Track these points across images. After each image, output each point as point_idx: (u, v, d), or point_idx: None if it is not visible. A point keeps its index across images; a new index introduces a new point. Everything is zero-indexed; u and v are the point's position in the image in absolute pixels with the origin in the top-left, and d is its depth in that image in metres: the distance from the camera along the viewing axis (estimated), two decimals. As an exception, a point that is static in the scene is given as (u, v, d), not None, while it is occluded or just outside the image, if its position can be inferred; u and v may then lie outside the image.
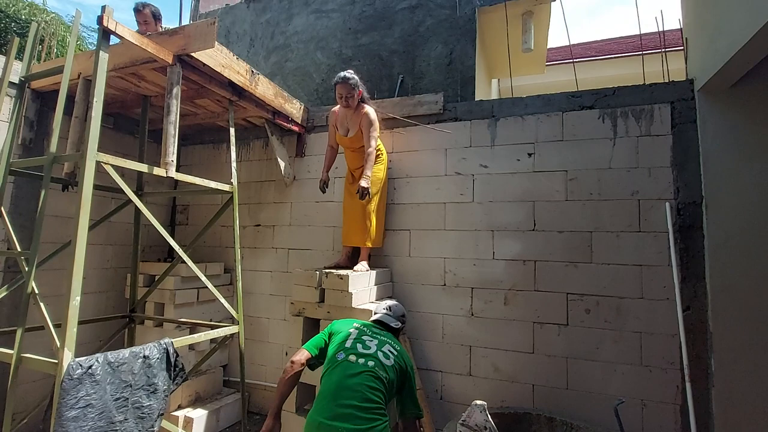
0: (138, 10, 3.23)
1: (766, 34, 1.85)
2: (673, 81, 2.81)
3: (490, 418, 2.28)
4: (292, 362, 1.95)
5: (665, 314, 2.60)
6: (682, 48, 3.09)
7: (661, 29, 3.37)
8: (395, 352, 1.96)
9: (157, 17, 3.29)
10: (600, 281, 2.77)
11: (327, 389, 1.79)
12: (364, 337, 1.99)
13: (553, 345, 2.83)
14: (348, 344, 1.95)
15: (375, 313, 2.28)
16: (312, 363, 2.02)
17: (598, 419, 2.59)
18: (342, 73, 2.99)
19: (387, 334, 2.10)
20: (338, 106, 3.14)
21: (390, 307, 2.28)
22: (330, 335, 2.08)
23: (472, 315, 3.05)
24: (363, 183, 2.86)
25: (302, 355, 1.99)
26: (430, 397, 3.07)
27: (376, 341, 1.98)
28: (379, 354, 1.90)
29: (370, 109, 3.05)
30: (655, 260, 2.66)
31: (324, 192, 3.24)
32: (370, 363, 1.84)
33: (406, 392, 1.95)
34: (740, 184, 2.50)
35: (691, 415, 2.37)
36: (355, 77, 3.00)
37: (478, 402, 2.34)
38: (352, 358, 1.87)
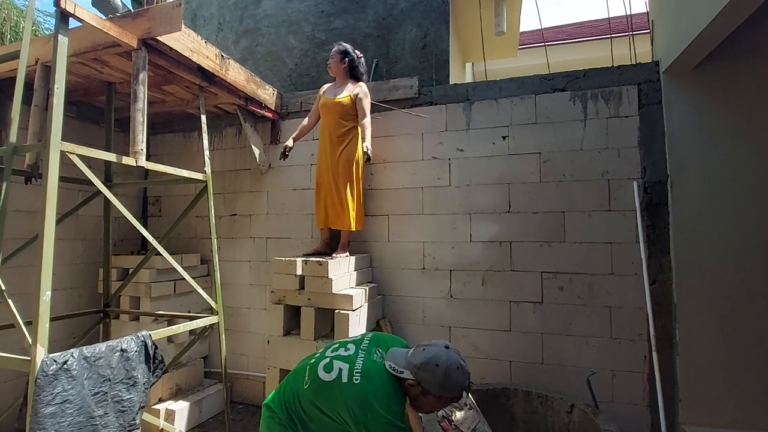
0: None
1: (726, 15, 1.92)
2: (639, 63, 2.89)
3: (470, 395, 2.36)
4: None
5: (633, 289, 2.72)
6: (648, 31, 3.17)
7: (628, 13, 3.45)
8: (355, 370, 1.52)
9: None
10: (573, 259, 2.86)
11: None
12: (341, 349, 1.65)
13: (529, 322, 2.93)
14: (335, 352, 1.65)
15: None
16: None
17: (571, 390, 2.71)
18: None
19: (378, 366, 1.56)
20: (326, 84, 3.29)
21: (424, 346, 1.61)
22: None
23: (451, 297, 3.11)
24: (368, 143, 2.92)
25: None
26: (412, 377, 3.13)
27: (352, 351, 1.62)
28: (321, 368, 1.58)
29: (363, 84, 3.16)
30: (624, 237, 2.77)
31: (283, 159, 3.16)
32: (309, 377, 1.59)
33: None
34: (703, 164, 2.61)
35: (657, 383, 2.51)
36: (346, 47, 3.18)
37: (459, 379, 2.41)
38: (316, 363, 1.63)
